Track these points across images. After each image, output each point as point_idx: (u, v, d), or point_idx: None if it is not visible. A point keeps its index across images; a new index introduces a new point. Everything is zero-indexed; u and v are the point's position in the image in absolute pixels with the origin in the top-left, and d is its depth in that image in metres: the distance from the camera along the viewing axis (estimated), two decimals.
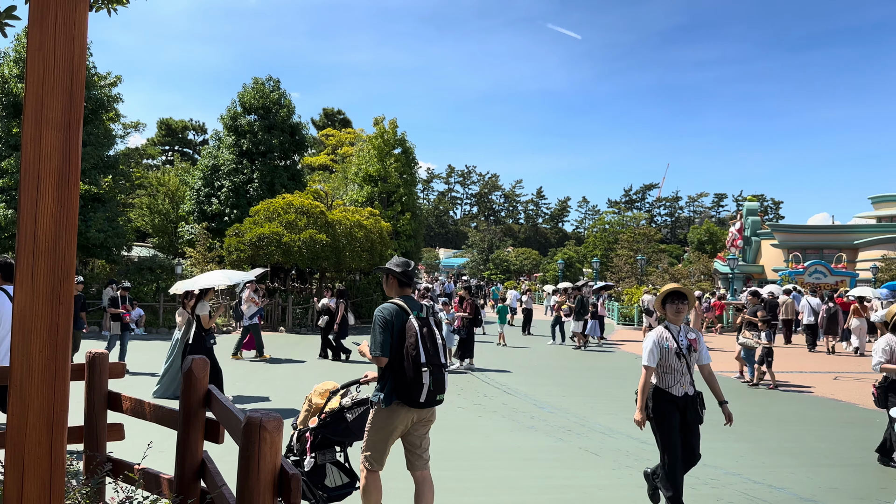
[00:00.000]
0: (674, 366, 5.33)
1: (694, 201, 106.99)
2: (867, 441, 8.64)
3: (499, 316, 20.74)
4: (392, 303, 4.66)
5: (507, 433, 8.49)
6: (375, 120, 34.41)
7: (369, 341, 4.62)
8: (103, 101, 26.26)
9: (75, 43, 2.28)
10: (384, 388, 4.55)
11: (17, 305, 2.20)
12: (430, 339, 4.56)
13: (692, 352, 5.42)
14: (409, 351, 4.45)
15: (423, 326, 4.56)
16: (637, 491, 6.21)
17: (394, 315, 4.56)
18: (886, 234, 38.91)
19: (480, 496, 5.96)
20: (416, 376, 4.42)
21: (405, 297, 4.73)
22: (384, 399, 4.53)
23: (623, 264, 45.88)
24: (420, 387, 4.42)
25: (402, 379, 4.47)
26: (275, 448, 2.60)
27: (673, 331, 5.40)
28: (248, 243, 23.61)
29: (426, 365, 4.45)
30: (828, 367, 16.62)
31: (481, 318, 15.34)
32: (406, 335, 4.50)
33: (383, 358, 4.50)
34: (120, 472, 4.08)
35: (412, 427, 4.66)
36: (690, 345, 5.41)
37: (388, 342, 4.50)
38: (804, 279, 34.11)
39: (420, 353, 4.45)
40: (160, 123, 69.82)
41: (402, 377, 4.47)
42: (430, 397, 4.47)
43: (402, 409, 4.54)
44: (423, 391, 4.43)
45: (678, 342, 5.34)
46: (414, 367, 4.43)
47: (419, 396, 4.43)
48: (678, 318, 5.43)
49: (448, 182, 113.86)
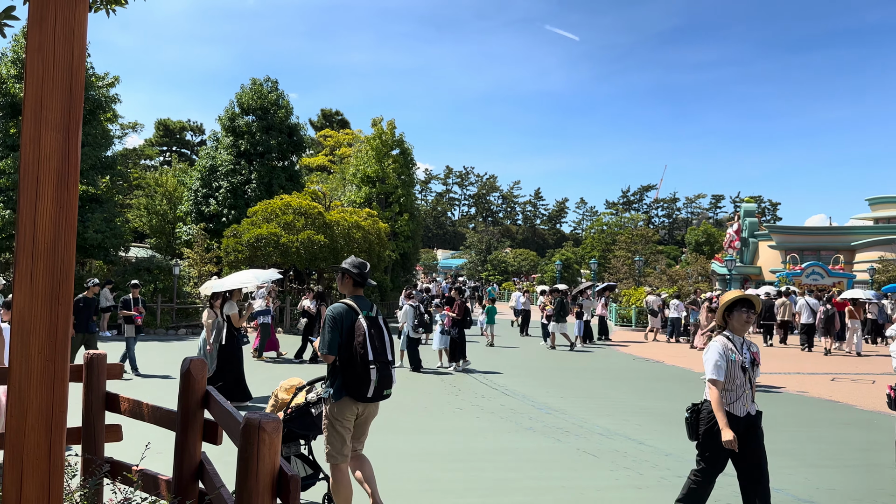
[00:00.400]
0: (738, 381, 4.86)
1: (691, 202, 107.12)
2: (865, 442, 8.66)
3: (487, 316, 21.03)
4: (343, 303, 4.91)
5: (506, 434, 8.49)
6: (374, 121, 34.44)
7: (319, 339, 4.87)
8: (101, 101, 26.24)
9: (75, 44, 2.28)
10: (334, 384, 4.80)
11: (16, 306, 2.20)
12: (378, 338, 4.81)
13: (755, 366, 5.00)
14: (358, 349, 4.69)
15: (371, 326, 4.80)
16: (635, 492, 6.22)
17: (343, 315, 4.81)
18: (884, 236, 38.98)
19: (479, 497, 5.96)
20: (363, 373, 4.67)
21: (356, 297, 4.98)
22: (334, 394, 4.77)
23: (621, 265, 45.93)
24: (368, 382, 4.68)
25: (351, 375, 4.72)
26: (273, 449, 2.60)
27: (736, 342, 4.94)
28: (245, 244, 23.59)
29: (373, 362, 4.69)
30: (825, 368, 16.65)
31: (470, 319, 15.30)
32: (355, 334, 4.74)
33: (331, 356, 4.76)
34: (118, 474, 4.08)
35: (358, 420, 4.93)
36: (754, 358, 4.99)
37: (335, 340, 4.74)
38: (802, 280, 34.16)
39: (368, 351, 4.68)
40: (158, 124, 69.75)
41: (351, 373, 4.72)
42: (376, 392, 4.74)
43: (351, 403, 4.78)
44: (370, 387, 4.69)
45: (742, 355, 4.91)
46: (362, 364, 4.67)
47: (367, 391, 4.69)
48: (745, 329, 5.00)
49: (446, 183, 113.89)
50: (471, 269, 69.36)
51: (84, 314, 12.35)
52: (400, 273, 33.70)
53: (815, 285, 33.19)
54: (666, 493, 6.18)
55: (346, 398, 4.77)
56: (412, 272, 39.00)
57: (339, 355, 4.76)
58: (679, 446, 8.03)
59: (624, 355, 18.72)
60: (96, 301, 12.86)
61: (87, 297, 12.54)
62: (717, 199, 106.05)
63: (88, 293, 12.63)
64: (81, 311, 12.35)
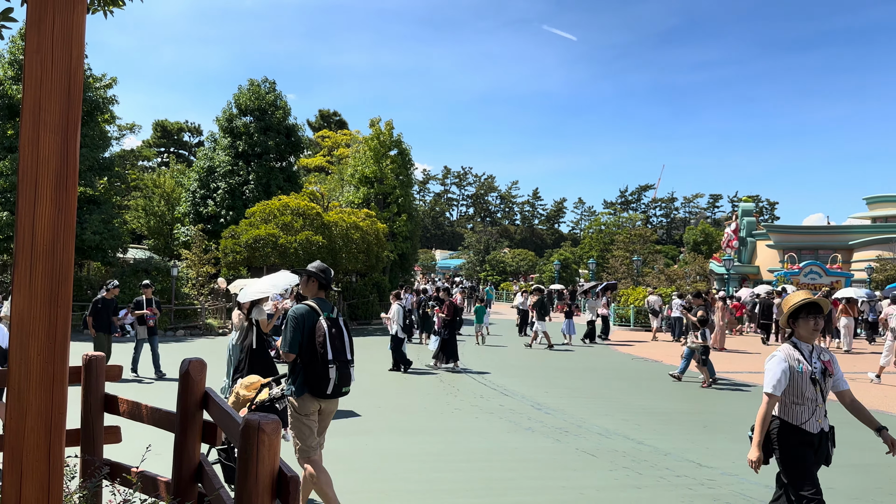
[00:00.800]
0: (807, 394, 4.36)
1: (689, 202, 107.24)
2: (862, 442, 8.67)
3: (476, 315, 21.41)
4: (305, 304, 5.17)
5: (505, 434, 8.49)
6: (371, 121, 34.42)
7: (281, 339, 5.12)
8: (99, 102, 26.21)
9: (73, 46, 2.28)
10: (295, 381, 5.05)
11: (16, 309, 2.19)
12: (339, 338, 5.09)
13: (827, 376, 4.45)
14: (318, 348, 4.96)
15: (332, 326, 5.07)
16: (634, 492, 6.23)
17: (305, 315, 5.07)
18: (881, 235, 39.06)
19: (478, 497, 5.96)
20: (323, 371, 4.95)
21: (318, 300, 5.24)
22: (296, 391, 5.03)
23: (619, 265, 45.98)
24: (327, 380, 4.96)
25: (312, 373, 4.98)
26: (273, 450, 2.60)
27: (804, 350, 4.41)
28: (243, 245, 23.57)
29: (333, 361, 4.98)
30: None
31: (460, 320, 15.28)
32: (316, 334, 5.00)
33: (291, 354, 5.02)
34: (117, 475, 4.08)
35: (318, 415, 5.14)
36: (825, 368, 4.44)
37: (297, 340, 5.00)
38: (800, 280, 34.21)
39: (328, 351, 4.96)
40: (156, 125, 69.68)
41: (311, 371, 4.98)
42: (335, 390, 5.01)
43: (311, 399, 5.04)
44: (329, 384, 4.97)
45: (812, 364, 4.37)
46: (322, 363, 4.95)
47: (326, 388, 4.97)
48: (813, 337, 4.47)
49: (444, 183, 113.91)
50: (469, 270, 69.36)
51: (103, 315, 12.28)
52: (398, 273, 33.69)
53: (813, 284, 33.24)
54: (664, 493, 6.19)
55: (306, 395, 5.02)
56: (411, 272, 38.98)
57: (301, 354, 5.02)
58: (678, 446, 8.04)
59: (623, 355, 18.72)
60: (115, 303, 12.65)
61: (105, 299, 12.40)
62: (715, 199, 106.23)
63: (108, 294, 12.47)
64: (101, 312, 12.28)
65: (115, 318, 12.60)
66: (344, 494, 5.87)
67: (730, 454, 7.70)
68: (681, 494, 6.16)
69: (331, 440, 7.99)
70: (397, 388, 11.88)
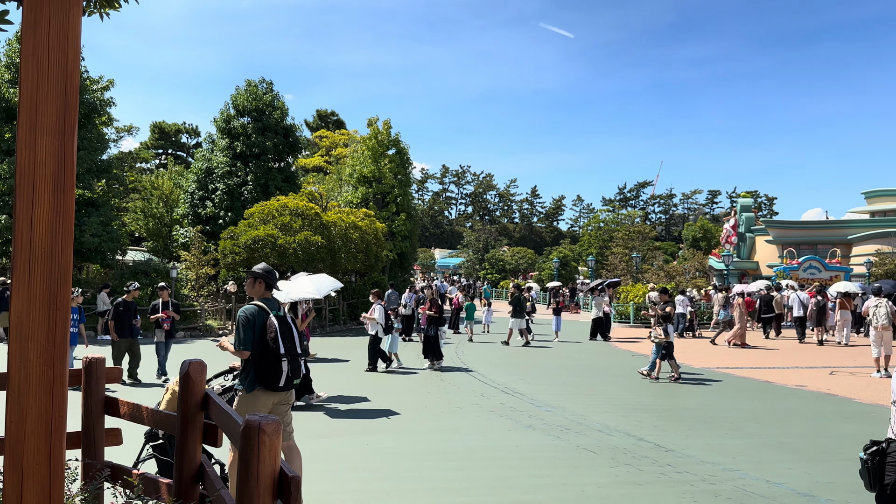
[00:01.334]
0: None
1: (688, 198, 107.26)
2: (864, 435, 8.68)
3: (466, 313, 21.80)
4: (254, 304, 5.43)
5: (506, 432, 8.50)
6: (369, 121, 34.39)
7: (233, 338, 5.39)
8: (96, 105, 26.17)
9: (69, 48, 2.28)
10: (247, 377, 5.28)
11: (14, 312, 2.19)
12: (288, 334, 5.40)
13: None
14: (270, 344, 5.23)
15: (281, 324, 5.38)
16: (634, 488, 6.23)
17: (255, 315, 5.34)
18: (880, 229, 39.09)
19: (480, 495, 5.97)
20: (276, 365, 5.24)
21: (265, 299, 5.49)
22: (247, 386, 5.26)
23: (618, 262, 45.97)
24: (280, 374, 5.26)
25: (264, 368, 5.24)
26: (274, 451, 2.60)
27: None
28: (242, 246, 23.55)
29: (285, 356, 5.28)
30: (823, 361, 16.69)
31: (446, 318, 15.22)
32: (267, 331, 5.28)
33: (246, 352, 5.25)
34: (118, 478, 4.08)
35: (273, 408, 5.32)
36: None
37: (250, 338, 5.25)
38: (799, 275, 34.24)
39: (279, 346, 5.25)
40: (153, 127, 69.60)
41: (263, 366, 5.24)
42: (287, 382, 5.31)
43: (263, 394, 5.28)
44: (282, 377, 5.27)
45: None
46: (274, 358, 5.23)
47: (279, 382, 5.25)
48: None
49: (443, 182, 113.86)
50: (469, 268, 69.36)
51: (125, 318, 11.96)
52: (398, 273, 33.66)
53: (812, 279, 33.27)
54: (666, 489, 6.20)
55: (258, 389, 5.25)
56: (410, 272, 39.00)
57: (253, 351, 5.27)
58: (679, 442, 8.05)
59: (622, 352, 18.73)
60: (135, 305, 12.34)
61: (126, 301, 12.12)
62: (714, 195, 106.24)
63: (128, 297, 12.20)
64: (122, 315, 11.97)
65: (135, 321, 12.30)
66: (345, 494, 5.88)
67: (730, 450, 7.71)
68: (682, 491, 6.17)
69: (331, 440, 8.01)
70: (397, 388, 11.88)
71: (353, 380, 12.63)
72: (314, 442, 7.78)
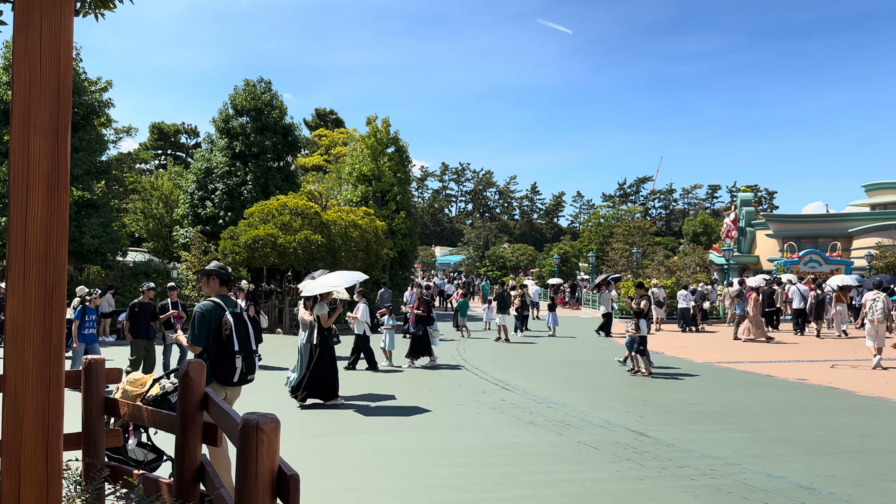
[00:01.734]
0: None
1: (688, 193, 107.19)
2: (865, 428, 8.69)
3: (459, 310, 21.98)
4: (210, 301, 5.57)
5: (506, 429, 8.50)
6: (368, 119, 34.33)
7: (189, 333, 5.52)
8: (94, 106, 26.17)
9: (61, 49, 2.27)
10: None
11: (10, 313, 2.19)
12: (244, 331, 5.54)
13: None
14: (225, 341, 5.38)
15: (237, 320, 5.52)
16: (636, 483, 6.23)
17: (211, 311, 5.49)
18: (880, 222, 39.03)
19: (481, 491, 5.97)
20: (230, 361, 5.39)
21: (222, 296, 5.64)
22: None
23: (619, 258, 45.96)
24: (234, 369, 5.41)
25: (219, 363, 5.38)
26: (272, 449, 2.60)
27: None
28: (243, 245, 23.55)
29: (239, 352, 5.43)
30: (824, 355, 16.68)
31: (433, 317, 15.07)
32: (223, 328, 5.42)
33: (198, 347, 5.39)
34: (119, 478, 4.08)
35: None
36: None
37: (203, 334, 5.41)
38: (799, 268, 34.21)
39: (234, 342, 5.40)
40: (152, 127, 69.59)
41: (218, 362, 5.38)
42: (241, 377, 5.48)
43: (217, 388, 5.39)
44: (236, 373, 5.42)
45: None
46: (229, 354, 5.39)
47: (233, 377, 5.41)
48: None
49: (442, 180, 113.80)
50: (469, 266, 69.34)
51: (141, 320, 11.70)
52: (398, 271, 33.65)
53: (813, 273, 33.25)
54: (667, 484, 6.20)
55: (213, 384, 5.35)
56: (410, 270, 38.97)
57: (208, 346, 5.41)
58: (680, 437, 8.05)
59: (623, 347, 18.69)
60: (153, 306, 12.09)
61: (142, 303, 11.84)
62: (714, 190, 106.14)
63: (143, 297, 11.92)
64: (137, 316, 11.72)
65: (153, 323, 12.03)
66: (346, 492, 5.88)
67: (732, 444, 7.71)
68: (683, 485, 6.17)
69: (333, 438, 8.01)
70: (397, 385, 11.87)
71: (352, 378, 12.62)
72: (314, 441, 7.79)
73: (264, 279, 27.66)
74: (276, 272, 30.58)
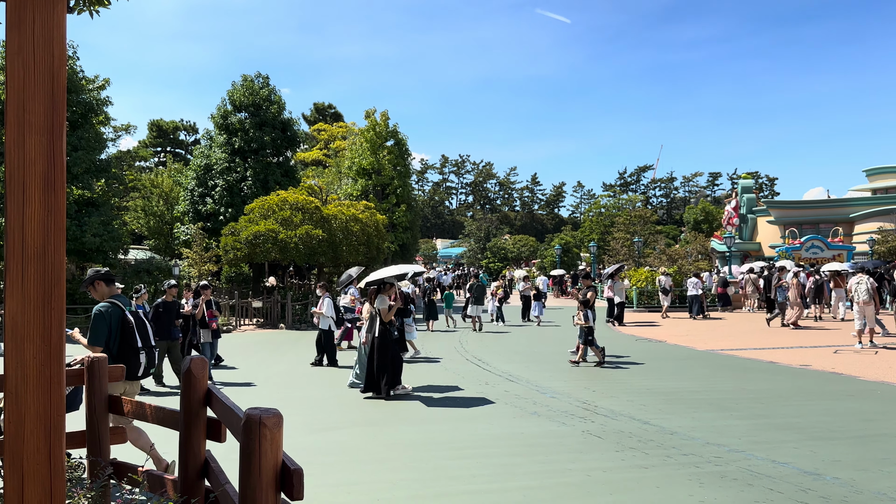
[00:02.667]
0: None
1: (689, 181, 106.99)
2: (869, 413, 8.69)
3: (445, 302, 22.65)
4: (109, 302, 5.79)
5: (511, 419, 8.51)
6: (367, 113, 34.30)
7: (89, 334, 5.71)
8: (92, 104, 26.13)
9: (55, 46, 2.25)
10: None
11: (9, 312, 2.19)
12: (143, 328, 5.90)
13: None
14: (127, 338, 5.69)
15: (136, 318, 5.84)
16: (641, 472, 6.24)
17: (110, 311, 5.72)
18: (882, 206, 38.94)
19: (486, 482, 5.98)
20: (134, 357, 5.72)
21: (117, 296, 5.88)
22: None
23: (620, 247, 45.92)
24: (138, 364, 5.75)
25: (123, 360, 5.63)
26: (275, 444, 2.60)
27: None
28: (244, 241, 23.56)
29: (142, 348, 5.78)
30: (827, 341, 16.68)
31: (411, 310, 14.90)
32: (124, 326, 5.71)
33: (98, 347, 5.60)
34: (123, 475, 4.09)
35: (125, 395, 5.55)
36: None
37: (103, 334, 5.64)
38: (801, 254, 34.16)
39: (136, 339, 5.73)
40: (151, 125, 69.49)
41: (123, 359, 5.63)
42: (145, 371, 5.88)
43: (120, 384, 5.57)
44: (140, 368, 5.78)
45: None
46: (132, 350, 5.72)
47: (137, 371, 5.76)
48: None
49: (442, 172, 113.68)
50: (470, 258, 69.36)
51: (164, 320, 11.17)
52: (399, 264, 33.70)
53: (815, 259, 33.22)
54: (672, 472, 6.21)
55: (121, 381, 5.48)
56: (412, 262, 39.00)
57: (111, 345, 5.65)
58: (684, 424, 8.06)
59: (626, 336, 18.74)
60: (177, 305, 11.62)
61: (166, 302, 11.32)
62: (715, 177, 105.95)
63: (167, 297, 11.42)
64: (161, 316, 11.18)
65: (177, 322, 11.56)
66: (351, 485, 5.89)
67: (736, 431, 7.72)
68: (688, 473, 6.18)
69: (337, 432, 8.02)
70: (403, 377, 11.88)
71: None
72: (319, 435, 7.80)
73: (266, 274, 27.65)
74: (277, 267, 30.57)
